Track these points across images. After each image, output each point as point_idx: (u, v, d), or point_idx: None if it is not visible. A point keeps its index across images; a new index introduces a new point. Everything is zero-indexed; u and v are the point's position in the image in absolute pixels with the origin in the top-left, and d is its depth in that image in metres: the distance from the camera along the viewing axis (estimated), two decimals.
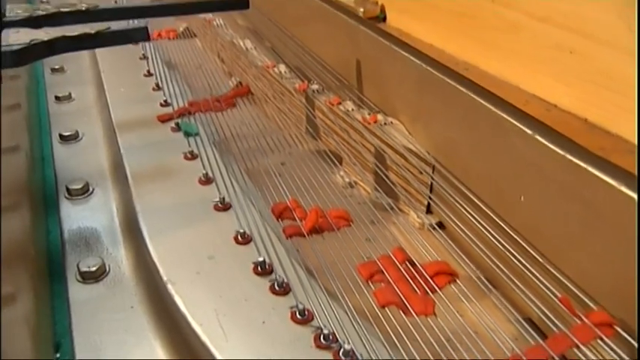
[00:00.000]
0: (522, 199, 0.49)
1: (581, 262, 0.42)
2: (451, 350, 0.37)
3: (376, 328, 0.38)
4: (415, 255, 0.46)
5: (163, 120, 0.63)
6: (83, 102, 0.78)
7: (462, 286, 0.42)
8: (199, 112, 0.65)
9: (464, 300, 0.41)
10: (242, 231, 0.45)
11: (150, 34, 0.54)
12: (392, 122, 0.64)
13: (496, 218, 0.51)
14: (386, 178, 0.59)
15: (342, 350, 0.34)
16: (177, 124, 0.62)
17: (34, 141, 0.69)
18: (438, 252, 0.48)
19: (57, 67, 0.89)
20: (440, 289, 0.42)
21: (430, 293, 0.41)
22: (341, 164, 0.66)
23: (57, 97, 0.78)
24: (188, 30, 1.07)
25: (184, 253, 0.44)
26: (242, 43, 0.86)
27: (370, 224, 0.52)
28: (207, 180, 0.52)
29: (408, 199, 0.58)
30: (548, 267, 0.44)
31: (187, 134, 0.60)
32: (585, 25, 0.71)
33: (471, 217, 0.52)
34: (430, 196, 0.58)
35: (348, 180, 0.65)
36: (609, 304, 0.39)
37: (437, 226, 0.56)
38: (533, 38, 0.80)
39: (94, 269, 0.47)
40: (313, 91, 0.70)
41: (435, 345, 0.37)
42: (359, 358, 0.34)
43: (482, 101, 0.53)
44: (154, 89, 0.72)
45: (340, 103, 0.67)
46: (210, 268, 0.42)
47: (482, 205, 0.52)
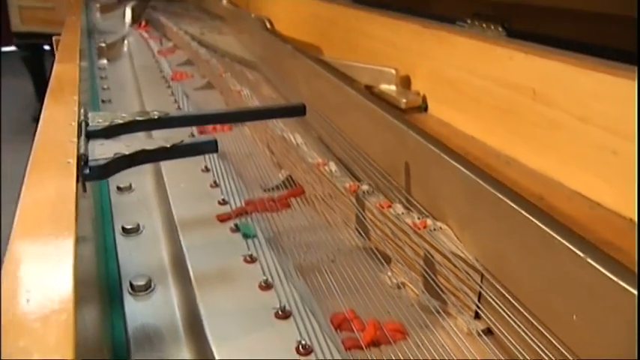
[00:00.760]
0: (575, 317, 0.50)
1: None
2: None
3: None
4: None
5: (223, 220, 0.67)
6: (143, 193, 0.83)
7: None
8: (256, 212, 0.68)
9: None
10: (303, 342, 0.47)
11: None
12: (441, 227, 0.67)
13: (546, 332, 0.52)
14: (434, 282, 0.61)
15: None
16: (236, 225, 0.65)
17: (98, 232, 0.73)
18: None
19: None
20: None
21: None
22: (389, 264, 0.69)
23: (119, 188, 0.83)
24: None
25: None
26: (292, 138, 0.91)
27: (419, 328, 0.54)
28: (267, 286, 0.55)
29: (456, 304, 0.60)
30: None
31: (246, 236, 0.63)
32: (626, 126, 0.73)
33: (519, 326, 0.53)
34: (478, 303, 0.60)
35: (396, 281, 0.66)
36: None
37: (485, 333, 0.57)
38: (574, 137, 0.83)
39: None
40: (364, 192, 0.74)
41: None
42: None
43: (532, 218, 0.55)
44: (211, 186, 0.77)
45: (390, 206, 0.70)
46: None
47: (531, 317, 0.54)
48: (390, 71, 1.23)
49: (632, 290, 0.43)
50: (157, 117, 0.63)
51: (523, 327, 0.52)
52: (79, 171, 0.48)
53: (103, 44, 1.72)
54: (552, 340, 0.50)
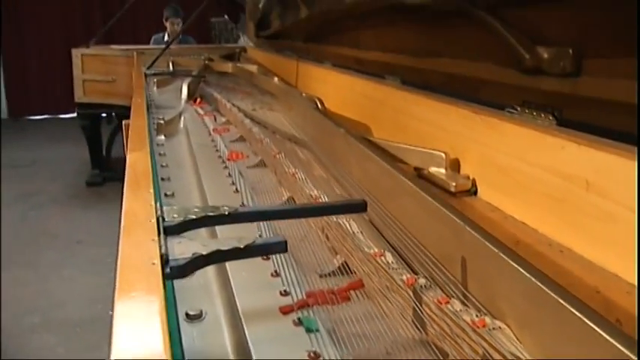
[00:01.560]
0: None
1: None
2: None
3: None
4: None
5: (285, 312, 0.69)
6: (204, 277, 0.86)
7: None
8: (317, 304, 0.70)
9: None
10: None
11: None
12: (500, 327, 0.67)
13: None
14: None
15: None
16: (299, 319, 0.67)
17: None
18: None
19: None
20: None
21: None
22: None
23: None
24: (293, 199, 1.18)
25: None
26: (348, 225, 0.93)
27: None
28: None
29: None
30: None
31: (309, 330, 0.65)
32: None
33: None
34: None
35: None
36: None
37: None
38: (630, 230, 0.83)
39: None
40: (421, 286, 0.75)
41: None
42: None
43: (596, 328, 0.55)
44: (272, 275, 0.79)
45: (448, 302, 0.71)
46: None
47: None
48: (439, 154, 1.26)
49: None
50: (227, 212, 0.67)
51: None
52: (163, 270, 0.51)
53: (162, 121, 1.81)
54: None
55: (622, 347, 0.52)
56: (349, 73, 1.98)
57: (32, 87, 6.89)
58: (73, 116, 4.99)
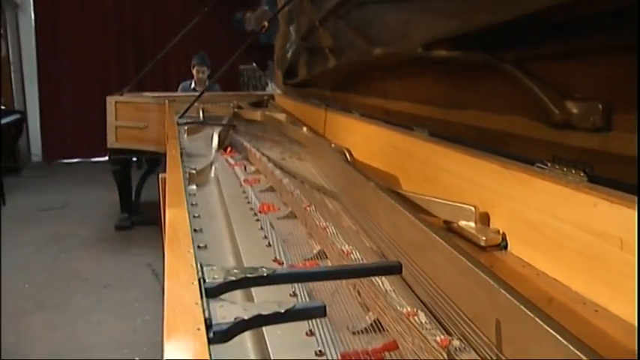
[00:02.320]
0: None
1: None
2: None
3: None
4: None
5: None
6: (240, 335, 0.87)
7: None
8: None
9: None
10: None
11: None
12: None
13: None
14: None
15: None
16: None
17: None
18: None
19: None
20: None
21: None
22: None
23: None
24: (323, 253, 1.19)
25: None
26: (381, 283, 0.94)
27: None
28: None
29: None
30: None
31: None
32: None
33: None
34: None
35: None
36: None
37: None
38: None
39: None
40: (455, 348, 0.75)
41: None
42: None
43: None
44: (307, 334, 0.80)
45: None
46: None
47: None
48: (469, 208, 1.26)
49: None
50: (265, 274, 0.69)
51: None
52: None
53: (194, 171, 1.85)
54: None
55: None
56: (377, 124, 2.01)
57: (67, 132, 7.11)
58: (105, 160, 5.13)
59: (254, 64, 5.95)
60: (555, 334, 0.67)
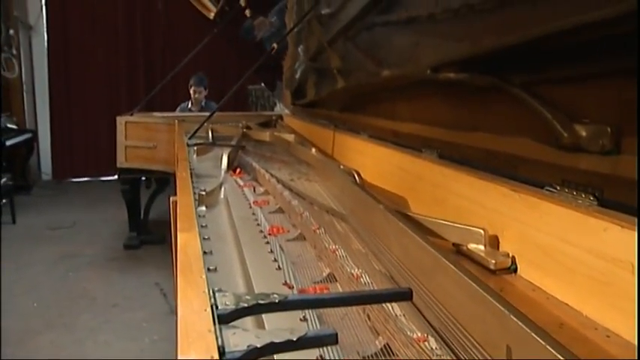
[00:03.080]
0: None
1: None
2: None
3: None
4: None
5: None
6: None
7: None
8: None
9: None
10: None
11: None
12: None
13: None
14: None
15: None
16: None
17: None
18: None
19: None
20: None
21: None
22: None
23: None
24: (333, 276, 1.19)
25: None
26: (391, 307, 0.94)
27: None
28: None
29: None
30: None
31: None
32: None
33: None
34: None
35: None
36: None
37: None
38: None
39: None
40: None
41: None
42: None
43: None
44: (317, 359, 0.80)
45: None
46: None
47: None
48: (478, 231, 1.26)
49: None
50: (277, 301, 0.69)
51: None
52: None
53: (203, 192, 1.86)
54: None
55: None
56: (386, 145, 2.02)
57: (77, 151, 7.17)
58: (113, 179, 5.16)
59: (262, 84, 6.00)
60: None
